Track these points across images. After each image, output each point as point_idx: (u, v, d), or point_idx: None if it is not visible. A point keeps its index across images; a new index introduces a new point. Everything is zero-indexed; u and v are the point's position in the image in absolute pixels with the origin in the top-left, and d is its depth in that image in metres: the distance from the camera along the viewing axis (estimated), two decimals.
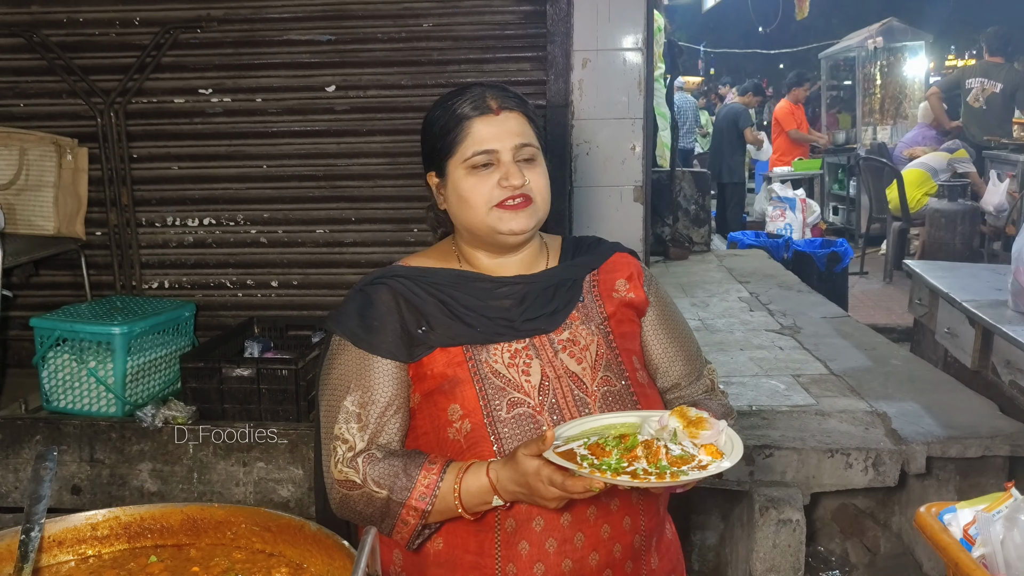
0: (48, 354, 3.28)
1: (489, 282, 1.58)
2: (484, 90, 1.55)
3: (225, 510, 1.45)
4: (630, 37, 3.54)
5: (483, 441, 1.47)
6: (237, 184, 3.76)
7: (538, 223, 1.56)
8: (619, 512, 1.51)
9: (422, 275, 1.58)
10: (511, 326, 1.54)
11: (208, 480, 3.07)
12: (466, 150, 1.53)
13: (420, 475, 1.45)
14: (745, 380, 3.62)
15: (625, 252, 1.70)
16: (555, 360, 1.54)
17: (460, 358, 1.52)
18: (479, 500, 1.43)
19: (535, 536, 1.47)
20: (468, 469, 1.44)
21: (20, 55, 3.72)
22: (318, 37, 3.63)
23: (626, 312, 1.64)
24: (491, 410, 1.49)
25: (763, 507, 2.96)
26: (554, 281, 1.60)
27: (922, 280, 4.22)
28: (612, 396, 1.54)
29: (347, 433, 1.51)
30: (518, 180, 1.50)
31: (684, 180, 6.73)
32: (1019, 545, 1.39)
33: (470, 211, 1.54)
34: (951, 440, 3.03)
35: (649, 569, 1.59)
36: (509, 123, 1.53)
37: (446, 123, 1.55)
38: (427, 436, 1.53)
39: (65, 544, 1.41)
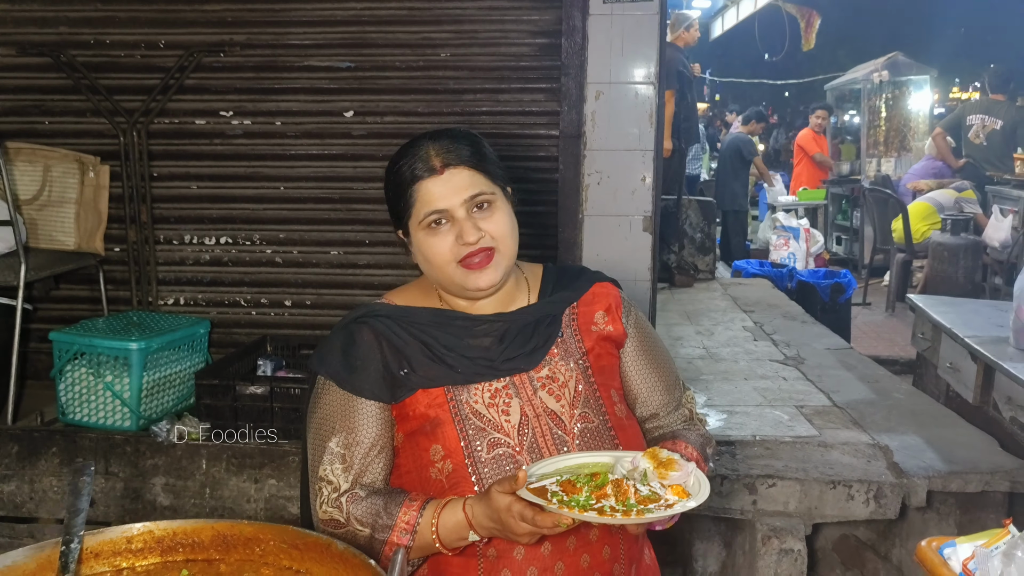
0: (66, 367, 3.34)
1: (468, 320, 1.60)
2: (429, 146, 1.56)
3: (254, 527, 1.50)
4: (642, 71, 3.63)
5: (464, 481, 1.51)
6: (254, 204, 3.84)
7: (506, 270, 1.58)
8: (599, 542, 1.55)
9: (403, 315, 1.60)
10: (491, 366, 1.57)
11: (220, 496, 3.12)
12: (419, 212, 1.55)
13: (400, 512, 1.48)
14: (749, 410, 3.67)
15: (606, 281, 1.73)
16: (534, 398, 1.57)
17: (441, 399, 1.55)
18: (456, 536, 1.46)
19: (516, 565, 1.51)
20: (446, 506, 1.47)
21: (47, 74, 3.80)
22: (338, 64, 3.72)
23: (605, 346, 1.66)
24: (472, 451, 1.52)
25: (765, 536, 3.01)
26: (533, 318, 1.62)
27: (925, 315, 4.27)
28: (590, 433, 1.57)
29: (331, 475, 1.54)
30: (472, 236, 1.52)
31: (690, 208, 6.81)
32: None
33: (435, 269, 1.57)
34: (952, 475, 3.08)
35: None
36: (455, 179, 1.54)
37: (398, 187, 1.58)
38: (410, 475, 1.57)
39: (101, 556, 1.47)
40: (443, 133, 1.59)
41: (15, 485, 3.17)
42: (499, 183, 1.60)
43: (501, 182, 1.60)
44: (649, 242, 3.71)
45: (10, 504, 3.18)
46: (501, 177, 1.61)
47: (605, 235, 3.69)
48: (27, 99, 3.85)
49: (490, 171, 1.58)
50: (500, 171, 1.61)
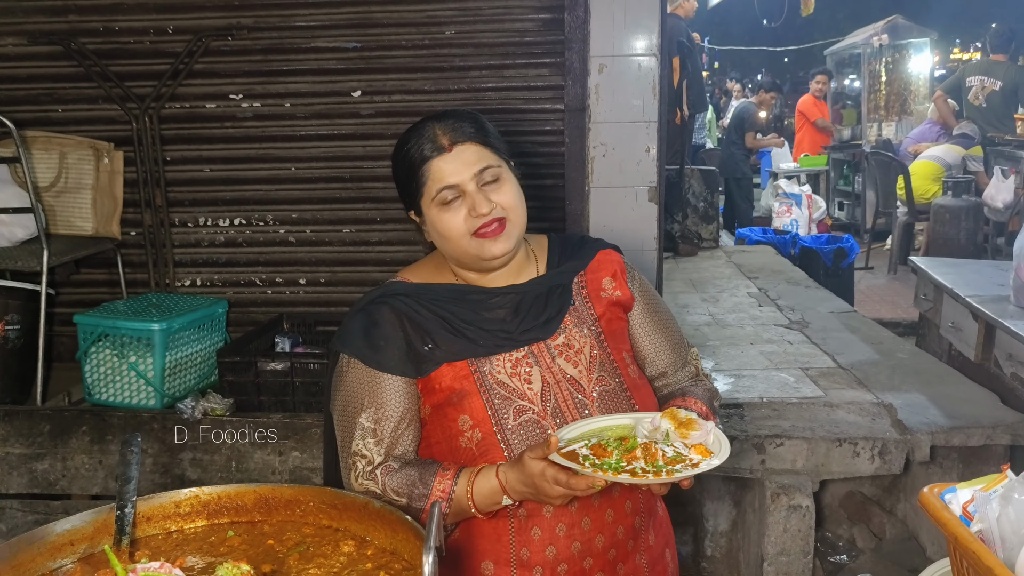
0: (90, 349, 3.43)
1: (483, 293, 1.67)
2: (435, 127, 1.62)
3: (294, 490, 1.59)
4: (644, 43, 3.67)
5: (494, 448, 1.59)
6: (266, 186, 3.91)
7: (518, 239, 1.64)
8: (620, 497, 1.64)
9: (421, 292, 1.66)
10: (509, 337, 1.64)
11: (246, 468, 3.22)
12: (431, 190, 1.61)
13: (435, 482, 1.56)
14: (756, 373, 3.76)
15: (608, 248, 1.80)
16: (553, 366, 1.65)
17: (466, 371, 1.62)
18: (491, 501, 1.55)
19: (546, 522, 1.60)
20: (479, 473, 1.55)
21: (58, 62, 3.86)
22: (344, 44, 3.77)
23: (614, 310, 1.74)
24: (499, 419, 1.59)
25: (774, 494, 3.11)
26: (544, 288, 1.70)
27: (927, 276, 4.36)
28: (608, 395, 1.65)
29: (364, 449, 1.61)
30: (484, 208, 1.58)
31: (693, 178, 6.86)
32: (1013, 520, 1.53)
33: (451, 244, 1.63)
34: (954, 430, 3.17)
35: (647, 546, 1.74)
36: (464, 155, 1.60)
37: (408, 168, 1.64)
38: (440, 445, 1.64)
39: (153, 520, 1.56)
40: (447, 114, 1.65)
41: (48, 463, 3.28)
42: (504, 157, 1.66)
43: (506, 156, 1.67)
44: (655, 212, 3.78)
45: (44, 482, 3.28)
46: (505, 152, 1.67)
47: (611, 206, 3.76)
48: (39, 88, 3.91)
49: (495, 146, 1.65)
50: (503, 146, 1.68)
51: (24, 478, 3.29)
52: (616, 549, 1.66)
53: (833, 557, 3.39)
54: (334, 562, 1.45)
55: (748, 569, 3.33)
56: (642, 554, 1.72)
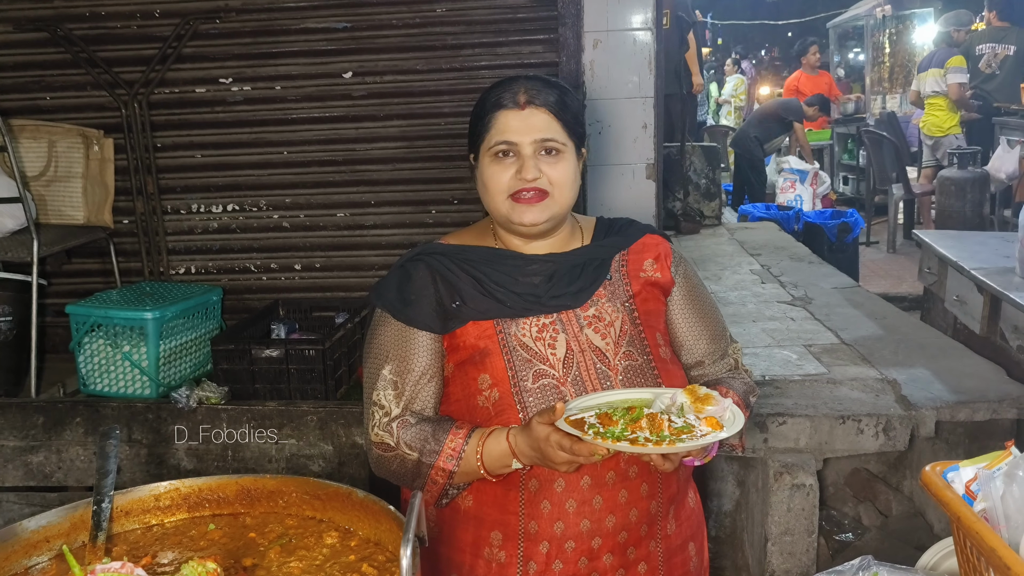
0: (84, 339, 3.40)
1: (520, 259, 1.67)
2: (521, 83, 1.62)
3: (276, 480, 1.55)
4: (639, 17, 3.61)
5: (509, 409, 1.57)
6: (259, 171, 3.86)
7: (553, 216, 1.62)
8: (637, 479, 1.60)
9: (458, 253, 1.67)
10: (539, 302, 1.63)
11: (242, 457, 3.19)
12: (491, 139, 1.61)
13: (447, 439, 1.56)
14: (758, 351, 3.71)
15: (656, 234, 1.78)
16: (580, 335, 1.63)
17: (491, 331, 1.62)
18: (500, 463, 1.54)
19: (556, 496, 1.58)
20: (490, 434, 1.55)
21: (45, 49, 3.81)
22: (334, 25, 3.71)
23: (652, 291, 1.71)
24: (518, 380, 1.58)
25: (778, 473, 3.06)
26: (582, 260, 1.68)
27: (931, 249, 4.29)
28: (633, 370, 1.63)
29: (384, 399, 1.62)
30: (531, 174, 1.58)
31: (695, 154, 6.78)
32: (1017, 499, 1.48)
33: (489, 197, 1.64)
34: (960, 405, 3.12)
35: (664, 534, 1.68)
36: (533, 119, 1.59)
37: (481, 111, 1.64)
38: (459, 403, 1.64)
39: (131, 514, 1.52)
40: (538, 77, 1.67)
41: (43, 455, 3.25)
42: (574, 139, 1.65)
43: (576, 139, 1.66)
44: (652, 189, 3.73)
45: (40, 474, 3.26)
46: (578, 135, 1.67)
47: (608, 184, 3.71)
48: (27, 75, 3.87)
49: (569, 124, 1.63)
50: (579, 129, 1.67)
51: (19, 471, 3.27)
52: (628, 532, 1.62)
53: (838, 535, 3.35)
54: (316, 554, 1.41)
55: (752, 549, 3.29)
56: (658, 542, 1.67)
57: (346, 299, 3.81)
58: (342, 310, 3.72)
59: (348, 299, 3.80)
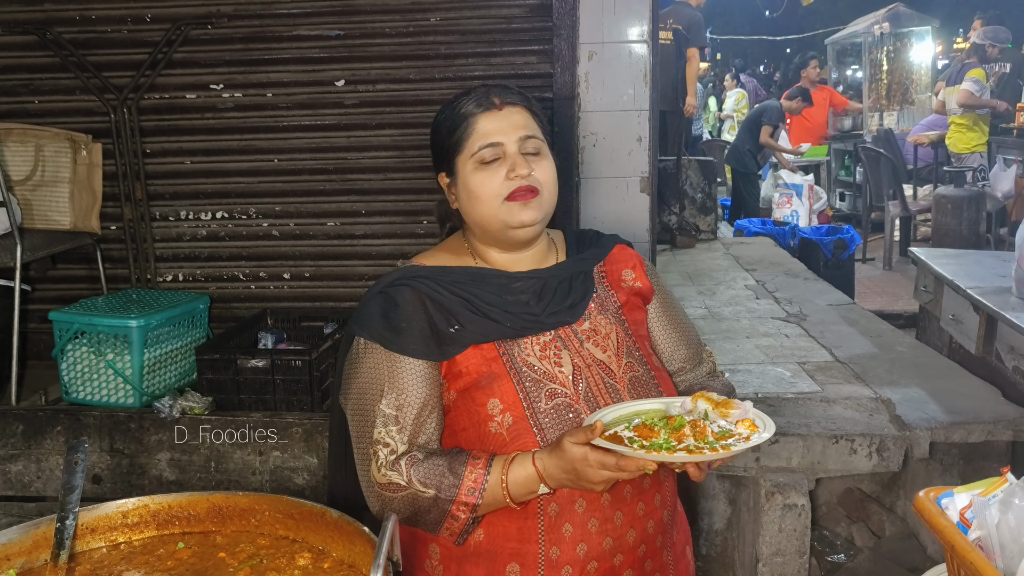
0: (67, 347, 3.34)
1: (505, 278, 1.61)
2: (487, 88, 1.61)
3: (249, 498, 1.50)
4: (635, 29, 3.58)
5: (526, 433, 1.51)
6: (249, 178, 3.82)
7: (546, 215, 1.59)
8: (650, 490, 1.58)
9: (442, 274, 1.60)
10: (536, 320, 1.58)
11: (225, 469, 3.14)
12: (472, 145, 1.57)
13: (466, 471, 1.47)
14: (751, 368, 3.67)
15: (623, 243, 1.76)
16: (582, 350, 1.59)
17: (494, 353, 1.55)
18: (526, 490, 1.46)
19: (578, 518, 1.52)
20: (513, 460, 1.47)
21: (34, 52, 3.77)
22: (327, 32, 3.68)
23: (635, 300, 1.70)
24: (531, 402, 1.52)
25: (769, 492, 3.01)
26: (567, 274, 1.64)
27: (927, 267, 4.26)
28: (637, 381, 1.60)
29: (387, 436, 1.51)
30: (524, 170, 1.54)
31: (691, 168, 6.75)
32: (1013, 528, 1.44)
33: (481, 205, 1.57)
34: (955, 426, 3.07)
35: (672, 542, 1.68)
36: (513, 117, 1.58)
37: (453, 122, 1.60)
38: (466, 432, 1.55)
39: (97, 531, 1.47)
40: (500, 84, 1.66)
41: (22, 465, 3.19)
42: (547, 139, 1.64)
43: (549, 140, 1.64)
44: (647, 203, 3.69)
45: (18, 483, 3.20)
46: (548, 137, 1.65)
47: (602, 197, 3.67)
48: (15, 79, 3.82)
49: (542, 124, 1.63)
50: (548, 129, 1.66)
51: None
52: (646, 545, 1.59)
53: (831, 556, 3.30)
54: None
55: (743, 569, 3.24)
56: (669, 550, 1.67)
57: (335, 309, 3.76)
58: (331, 320, 3.67)
59: (337, 309, 3.75)
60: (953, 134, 8.41)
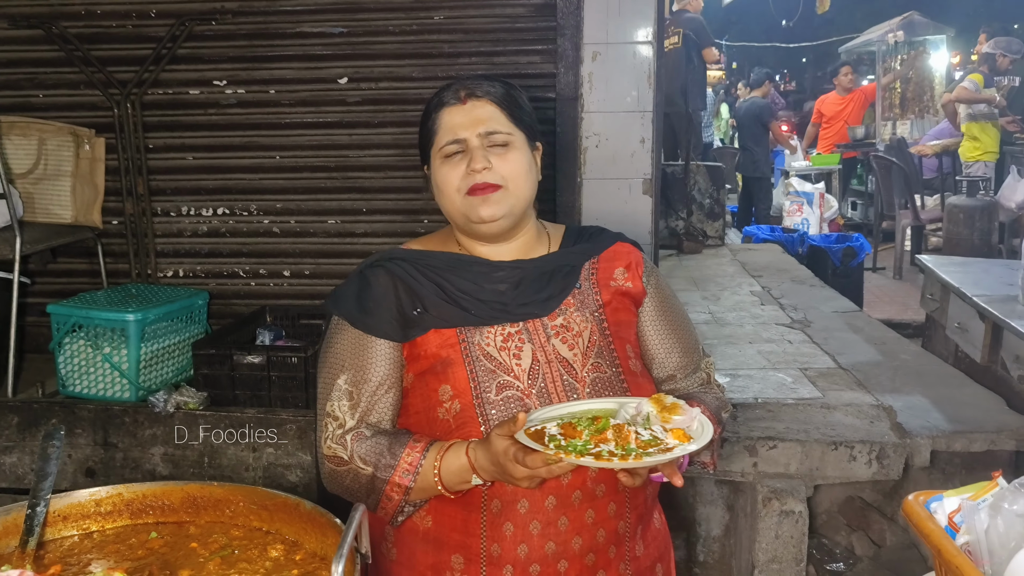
0: (64, 340, 3.34)
1: (486, 266, 1.60)
2: (460, 81, 1.61)
3: (224, 489, 1.49)
4: (640, 30, 3.55)
5: (471, 422, 1.50)
6: (250, 175, 3.81)
7: (512, 210, 1.56)
8: (604, 498, 1.53)
9: (420, 258, 1.61)
10: (505, 310, 1.57)
11: (218, 465, 3.12)
12: (439, 140, 1.58)
13: (404, 453, 1.49)
14: (752, 373, 3.63)
15: (627, 242, 1.71)
16: (547, 345, 1.57)
17: (453, 340, 1.55)
18: (459, 479, 1.46)
19: (520, 518, 1.50)
20: (449, 448, 1.47)
21: (39, 46, 3.77)
22: (330, 29, 3.67)
23: (622, 301, 1.65)
24: (480, 391, 1.51)
25: (766, 498, 2.98)
26: (551, 267, 1.62)
27: (934, 275, 4.21)
28: (602, 383, 1.56)
29: (338, 411, 1.55)
30: (479, 164, 1.53)
31: (699, 174, 6.72)
32: (1002, 534, 1.40)
33: (445, 199, 1.59)
34: (956, 434, 3.03)
35: (632, 556, 1.61)
36: (476, 111, 1.57)
37: (426, 115, 1.62)
38: (419, 415, 1.56)
39: (70, 519, 1.46)
40: (480, 74, 1.65)
41: (16, 457, 3.19)
42: (522, 129, 1.60)
43: (525, 130, 1.61)
44: (649, 205, 3.66)
45: (12, 476, 3.20)
46: (527, 127, 1.62)
47: (604, 199, 3.64)
48: (20, 72, 3.83)
49: (514, 115, 1.60)
50: (528, 120, 1.63)
51: None
52: (596, 554, 1.54)
53: (830, 565, 3.25)
54: (258, 567, 1.34)
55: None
56: (626, 564, 1.60)
57: None
58: None
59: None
60: (965, 142, 8.36)
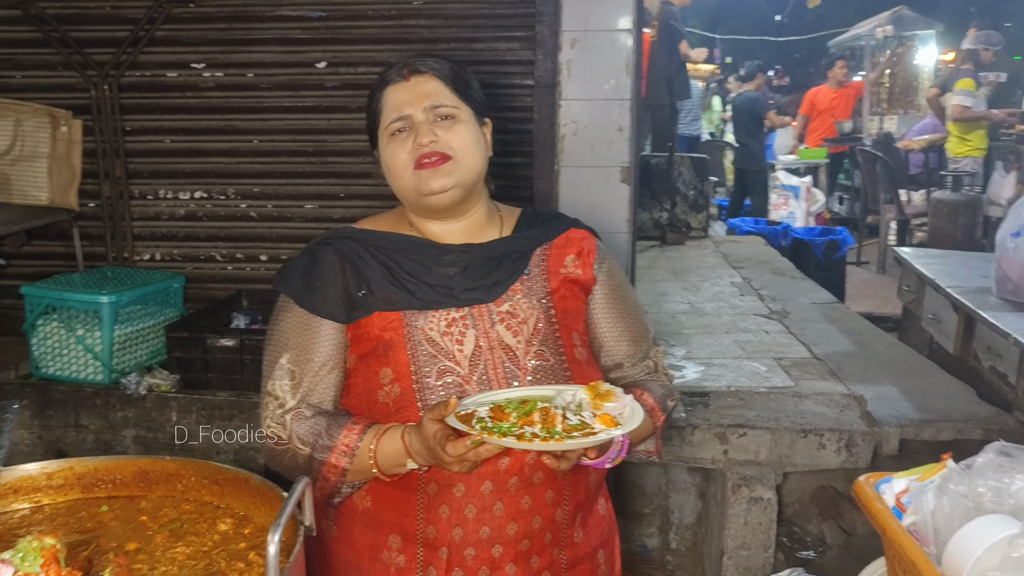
0: (38, 322, 3.33)
1: (435, 248, 1.59)
2: (403, 60, 1.60)
3: (176, 463, 1.49)
4: (619, 18, 3.54)
5: (410, 406, 1.50)
6: (228, 158, 3.79)
7: (461, 181, 1.55)
8: (542, 485, 1.52)
9: (369, 238, 1.59)
10: (450, 294, 1.56)
11: (190, 447, 3.12)
12: (385, 118, 1.57)
13: (341, 435, 1.49)
14: (727, 362, 3.65)
15: (582, 228, 1.70)
16: (491, 331, 1.55)
17: (397, 323, 1.54)
18: (394, 462, 1.46)
19: (455, 502, 1.50)
20: (386, 432, 1.47)
21: (16, 27, 3.75)
22: (309, 13, 3.65)
23: (571, 288, 1.64)
24: (420, 376, 1.51)
25: (735, 485, 2.99)
26: (500, 252, 1.61)
27: (910, 267, 4.23)
28: (544, 371, 1.55)
29: (279, 390, 1.55)
30: (426, 138, 1.52)
31: (683, 165, 6.73)
32: (947, 514, 1.41)
33: (394, 177, 1.58)
34: (925, 423, 3.06)
35: (570, 542, 1.60)
36: (420, 87, 1.56)
37: (371, 96, 1.61)
38: (359, 397, 1.56)
39: (21, 492, 1.46)
40: (424, 53, 1.63)
41: None
42: (469, 104, 1.59)
43: (471, 104, 1.60)
44: (627, 193, 3.65)
45: None
46: (474, 101, 1.61)
47: (581, 186, 3.64)
48: None
49: (460, 89, 1.59)
50: (475, 95, 1.61)
51: None
52: (531, 540, 1.54)
53: (800, 552, 3.27)
54: (207, 540, 1.35)
55: (710, 563, 3.22)
56: (561, 549, 1.60)
57: None
58: None
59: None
60: (951, 138, 8.38)
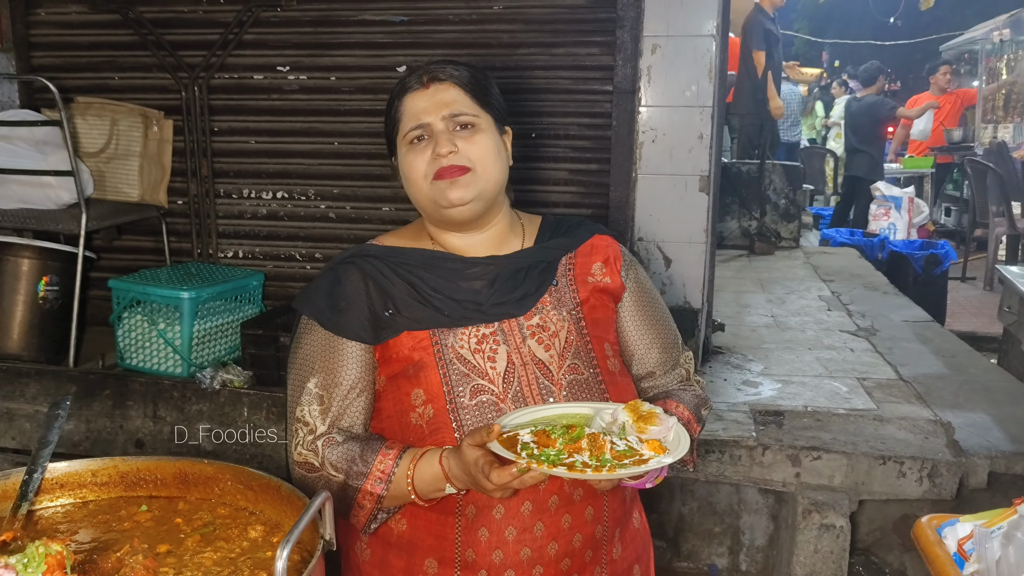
0: (123, 314, 3.46)
1: (460, 263, 1.55)
2: (422, 66, 1.55)
3: (214, 467, 1.50)
4: (703, 23, 3.45)
5: (445, 428, 1.45)
6: (309, 160, 3.87)
7: (481, 193, 1.50)
8: (582, 502, 1.48)
9: (392, 255, 1.55)
10: (479, 310, 1.51)
11: (259, 443, 3.18)
12: (404, 127, 1.53)
13: (376, 460, 1.44)
14: (806, 380, 3.50)
15: (606, 235, 1.65)
16: (522, 346, 1.51)
17: (426, 342, 1.49)
18: (432, 487, 1.42)
19: (495, 524, 1.46)
20: (423, 456, 1.42)
21: (117, 31, 3.91)
22: (391, 17, 3.69)
23: (600, 298, 1.59)
24: (454, 396, 1.46)
25: (806, 510, 2.87)
26: (526, 263, 1.56)
27: (1013, 287, 3.99)
28: (579, 385, 1.50)
29: (308, 416, 1.51)
30: (445, 148, 1.47)
31: (775, 173, 6.52)
32: (1013, 564, 1.30)
33: (412, 187, 1.53)
34: (1018, 456, 2.86)
35: (610, 559, 1.56)
36: (440, 95, 1.51)
37: (390, 103, 1.57)
38: (391, 420, 1.52)
39: (67, 487, 1.49)
40: (445, 59, 1.59)
41: (72, 424, 3.32)
42: (488, 112, 1.54)
43: (492, 112, 1.55)
44: (705, 203, 3.56)
45: (68, 442, 3.32)
46: (495, 109, 1.56)
47: (659, 195, 3.56)
48: (99, 55, 3.98)
49: (480, 97, 1.54)
50: (496, 103, 1.56)
51: None
52: (572, 559, 1.50)
53: None
54: (235, 546, 1.35)
55: None
56: (603, 567, 1.55)
57: None
58: None
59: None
60: None
